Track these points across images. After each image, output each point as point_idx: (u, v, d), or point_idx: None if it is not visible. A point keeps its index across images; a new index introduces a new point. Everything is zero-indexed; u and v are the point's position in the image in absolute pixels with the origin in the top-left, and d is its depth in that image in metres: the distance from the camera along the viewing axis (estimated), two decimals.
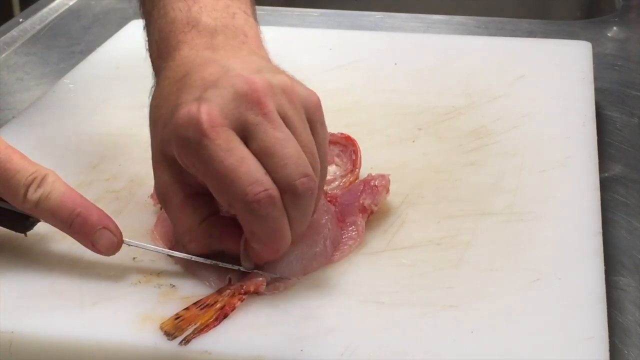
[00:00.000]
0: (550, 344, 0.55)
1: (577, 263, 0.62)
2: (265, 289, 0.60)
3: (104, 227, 0.61)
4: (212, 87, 0.58)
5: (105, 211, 0.67)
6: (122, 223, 0.66)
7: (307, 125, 0.59)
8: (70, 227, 0.61)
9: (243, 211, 0.57)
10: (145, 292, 0.60)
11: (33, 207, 0.61)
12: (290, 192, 0.57)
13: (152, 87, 0.66)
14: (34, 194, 0.60)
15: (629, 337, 0.61)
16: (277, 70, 0.62)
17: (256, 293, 0.60)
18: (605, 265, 0.62)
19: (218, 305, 0.58)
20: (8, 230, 0.65)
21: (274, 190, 0.56)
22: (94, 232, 0.61)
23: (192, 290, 0.60)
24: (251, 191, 0.56)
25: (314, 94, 0.61)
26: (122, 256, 0.63)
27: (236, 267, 0.61)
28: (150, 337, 0.56)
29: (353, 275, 0.62)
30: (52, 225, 0.62)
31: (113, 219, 0.62)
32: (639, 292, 0.65)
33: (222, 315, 0.58)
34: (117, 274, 0.62)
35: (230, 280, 0.60)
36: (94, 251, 0.61)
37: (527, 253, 0.63)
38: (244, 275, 0.60)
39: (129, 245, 0.62)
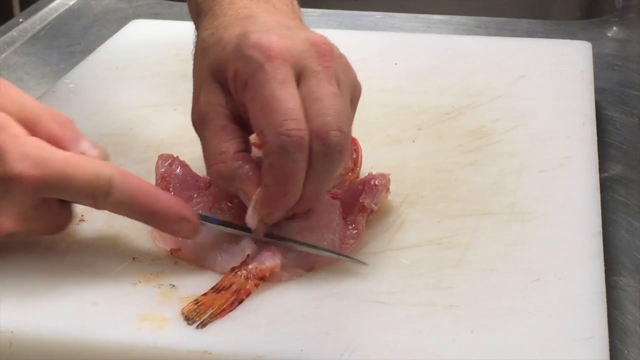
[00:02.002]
0: (550, 344, 0.55)
1: (577, 263, 0.62)
2: (284, 275, 0.60)
3: (180, 219, 0.61)
4: (284, 27, 0.62)
5: (106, 212, 0.67)
6: (122, 223, 0.66)
7: (351, 108, 0.62)
8: (148, 223, 0.62)
9: (271, 141, 0.58)
10: (145, 292, 0.60)
11: (107, 210, 0.61)
12: (321, 140, 0.58)
13: (201, 24, 0.67)
14: (103, 204, 0.60)
15: (629, 337, 0.61)
16: None
17: (272, 279, 0.60)
18: (605, 265, 0.62)
19: (233, 288, 0.59)
20: None
21: (306, 136, 0.57)
22: (172, 224, 0.61)
23: (192, 290, 0.60)
24: (287, 125, 0.57)
25: (360, 84, 0.64)
26: (122, 256, 0.64)
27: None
28: (150, 337, 0.56)
29: (353, 275, 0.62)
30: None
31: (184, 204, 0.62)
32: (639, 292, 0.65)
33: (237, 300, 0.59)
34: (117, 274, 0.62)
35: (248, 256, 0.61)
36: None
37: (527, 253, 0.63)
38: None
39: (204, 223, 0.63)
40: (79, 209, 0.68)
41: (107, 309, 0.59)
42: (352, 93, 0.62)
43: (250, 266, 0.60)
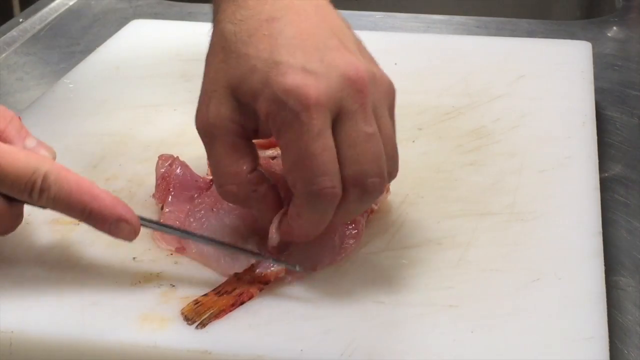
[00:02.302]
0: (550, 344, 0.55)
1: (577, 263, 0.62)
2: (287, 278, 0.61)
3: (119, 219, 0.59)
4: (317, 59, 0.57)
5: None
6: None
7: (390, 119, 0.60)
8: (85, 221, 0.60)
9: (303, 195, 0.57)
10: (145, 292, 0.60)
11: (42, 206, 0.60)
12: (359, 188, 0.57)
13: (220, 6, 0.63)
14: (39, 199, 0.59)
15: (629, 337, 0.61)
16: (360, 44, 0.62)
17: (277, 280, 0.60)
18: (605, 265, 0.62)
19: (236, 292, 0.59)
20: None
21: (339, 189, 0.57)
22: (109, 224, 0.60)
23: (192, 291, 0.60)
24: (320, 183, 0.56)
25: (392, 83, 0.62)
26: (122, 256, 0.64)
27: (255, 254, 0.62)
28: (150, 337, 0.56)
29: (353, 275, 0.62)
30: None
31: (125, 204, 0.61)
32: (639, 292, 0.65)
33: (239, 302, 0.58)
34: (117, 274, 0.62)
35: (252, 266, 0.61)
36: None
37: (527, 253, 0.63)
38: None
39: (146, 226, 0.61)
40: None
41: (107, 309, 0.59)
42: (389, 105, 0.61)
43: (255, 272, 0.60)
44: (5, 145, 0.59)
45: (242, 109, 0.59)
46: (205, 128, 0.60)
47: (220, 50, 0.60)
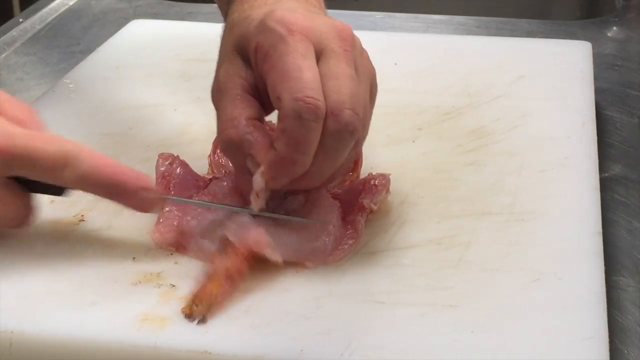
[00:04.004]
0: (550, 344, 0.55)
1: (577, 263, 0.62)
2: (278, 256, 0.61)
3: (141, 189, 0.62)
4: (310, 12, 0.64)
5: (105, 211, 0.67)
6: (123, 223, 0.67)
7: (370, 103, 0.63)
8: (110, 197, 0.62)
9: (288, 106, 0.58)
10: (145, 292, 0.60)
11: (67, 185, 0.61)
12: (335, 117, 0.59)
13: (230, 8, 0.69)
14: (65, 177, 0.60)
15: (629, 337, 0.61)
16: None
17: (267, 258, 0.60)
18: (605, 265, 0.62)
19: (227, 273, 0.59)
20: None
21: (322, 107, 0.58)
22: (133, 197, 0.62)
23: (192, 291, 0.60)
24: (305, 93, 0.58)
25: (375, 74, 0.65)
26: (122, 256, 0.64)
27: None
28: (150, 337, 0.56)
29: (353, 275, 0.62)
30: None
31: (146, 177, 0.63)
32: (639, 292, 0.65)
33: (231, 282, 0.59)
34: (117, 274, 0.62)
35: (226, 239, 0.61)
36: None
37: (527, 253, 0.63)
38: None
39: (167, 199, 0.65)
40: (79, 208, 0.68)
41: (107, 309, 0.59)
42: (371, 85, 0.64)
43: (236, 242, 0.60)
44: (31, 130, 0.62)
45: (247, 65, 0.63)
46: (217, 88, 0.64)
47: (229, 29, 0.66)
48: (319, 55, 0.60)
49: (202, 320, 0.57)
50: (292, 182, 0.61)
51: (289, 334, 0.57)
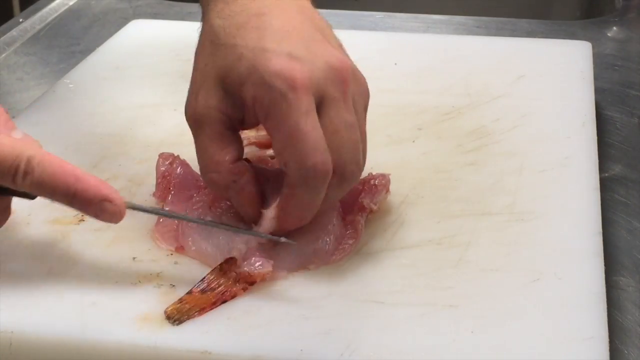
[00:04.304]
0: (550, 344, 0.55)
1: (577, 263, 0.62)
2: (279, 276, 0.61)
3: (103, 200, 0.59)
4: (302, 47, 0.60)
5: None
6: (123, 223, 0.66)
7: (364, 117, 0.63)
8: (70, 205, 0.60)
9: (296, 173, 0.58)
10: (145, 292, 0.60)
11: (27, 190, 0.60)
12: (339, 174, 0.59)
13: (208, 5, 0.66)
14: (23, 182, 0.59)
15: (629, 337, 0.61)
16: (341, 44, 0.65)
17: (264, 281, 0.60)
18: (605, 265, 0.62)
19: (220, 290, 0.59)
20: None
21: (330, 169, 0.59)
22: (94, 205, 0.59)
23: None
24: (313, 158, 0.58)
25: (367, 85, 0.64)
26: (122, 256, 0.64)
27: (249, 232, 0.62)
28: (150, 337, 0.56)
29: (353, 275, 0.62)
30: None
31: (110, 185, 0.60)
32: (639, 292, 0.65)
33: (220, 301, 0.59)
34: (117, 274, 0.62)
35: (234, 260, 0.61)
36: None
37: (527, 253, 0.63)
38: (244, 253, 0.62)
39: (133, 209, 0.62)
40: None
41: (107, 309, 0.59)
42: (365, 105, 0.63)
43: (240, 269, 0.60)
44: None
45: (229, 99, 0.61)
46: (194, 117, 0.62)
47: (209, 43, 0.63)
48: (320, 103, 0.59)
49: (178, 322, 0.57)
50: None
51: (289, 334, 0.57)
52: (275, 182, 0.63)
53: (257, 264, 0.60)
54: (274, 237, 0.62)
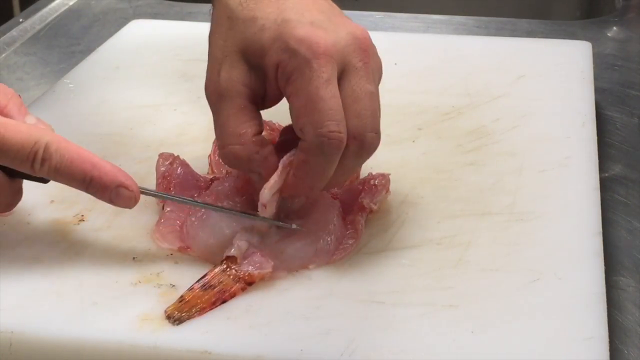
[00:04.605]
0: (550, 344, 0.55)
1: (577, 263, 0.62)
2: (279, 276, 0.61)
3: (119, 185, 0.61)
4: (324, 18, 0.61)
5: (105, 211, 0.67)
6: (122, 223, 0.67)
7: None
8: (86, 190, 0.61)
9: (310, 140, 0.58)
10: (145, 292, 0.60)
11: (44, 176, 0.61)
12: (358, 141, 0.59)
13: None
14: (41, 168, 0.60)
15: (629, 337, 0.61)
16: None
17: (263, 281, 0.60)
18: (605, 265, 0.62)
19: (219, 288, 0.59)
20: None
21: (345, 136, 0.59)
22: (110, 191, 0.61)
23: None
24: (329, 126, 0.58)
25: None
26: (122, 256, 0.64)
27: (254, 216, 0.62)
28: (150, 337, 0.56)
29: (353, 275, 0.62)
30: None
31: (127, 174, 0.61)
32: (639, 292, 0.65)
33: (220, 300, 0.59)
34: (117, 274, 0.62)
35: (234, 258, 0.61)
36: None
37: (527, 253, 0.63)
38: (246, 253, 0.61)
39: (146, 194, 0.63)
40: (79, 208, 0.68)
41: (107, 309, 0.59)
42: (379, 78, 0.64)
43: (240, 268, 0.60)
44: (7, 119, 0.61)
45: (252, 72, 0.61)
46: (217, 92, 0.62)
47: (226, 19, 0.63)
48: (342, 71, 0.60)
49: (178, 322, 0.57)
50: None
51: (289, 334, 0.57)
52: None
53: (257, 264, 0.60)
54: (285, 224, 0.62)
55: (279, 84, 0.60)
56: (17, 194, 0.63)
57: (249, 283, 0.60)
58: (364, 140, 0.59)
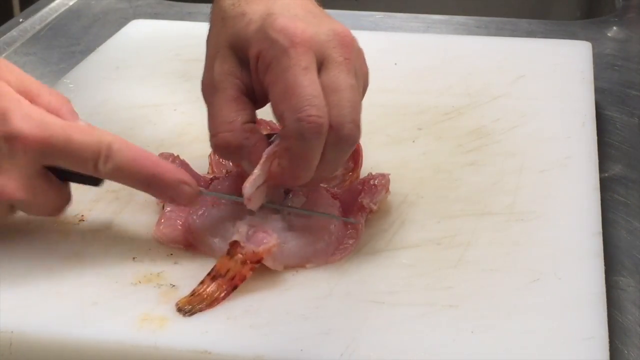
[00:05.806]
0: (550, 344, 0.55)
1: (577, 263, 0.62)
2: (280, 265, 0.61)
3: (180, 181, 0.62)
4: (309, 13, 0.63)
5: (105, 211, 0.67)
6: (123, 223, 0.67)
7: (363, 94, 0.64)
8: (147, 189, 0.62)
9: (290, 125, 0.59)
10: (145, 292, 0.60)
11: (107, 176, 0.61)
12: (337, 131, 0.59)
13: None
14: (103, 168, 0.60)
15: (629, 337, 0.61)
16: None
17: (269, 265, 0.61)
18: (605, 265, 0.62)
19: (230, 275, 0.59)
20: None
21: (325, 124, 0.59)
22: (172, 189, 0.62)
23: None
24: (308, 110, 0.58)
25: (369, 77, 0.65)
26: (122, 256, 0.64)
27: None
28: (150, 337, 0.56)
29: (353, 275, 0.62)
30: None
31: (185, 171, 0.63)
32: (639, 292, 0.65)
33: (232, 287, 0.59)
34: (117, 274, 0.62)
35: (237, 243, 0.61)
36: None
37: (527, 253, 0.63)
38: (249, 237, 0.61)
39: (205, 194, 0.64)
40: (79, 208, 0.68)
41: (107, 309, 0.59)
42: (364, 84, 0.64)
43: (245, 250, 0.60)
44: (67, 121, 0.62)
45: (242, 65, 0.63)
46: (210, 85, 0.64)
47: (219, 20, 0.65)
48: (321, 65, 0.60)
49: (190, 313, 0.58)
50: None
51: (289, 334, 0.57)
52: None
53: (260, 240, 0.60)
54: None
55: (259, 75, 0.61)
56: (68, 197, 0.64)
57: (256, 262, 0.60)
58: (341, 131, 0.59)
